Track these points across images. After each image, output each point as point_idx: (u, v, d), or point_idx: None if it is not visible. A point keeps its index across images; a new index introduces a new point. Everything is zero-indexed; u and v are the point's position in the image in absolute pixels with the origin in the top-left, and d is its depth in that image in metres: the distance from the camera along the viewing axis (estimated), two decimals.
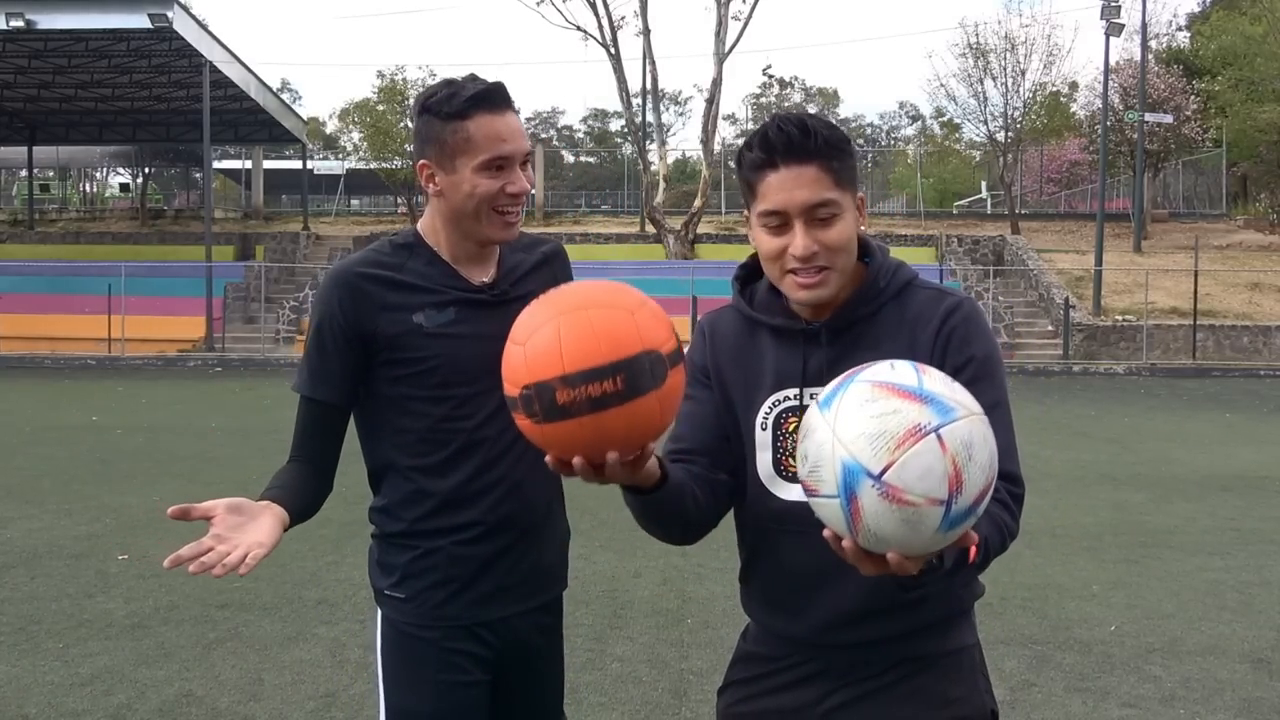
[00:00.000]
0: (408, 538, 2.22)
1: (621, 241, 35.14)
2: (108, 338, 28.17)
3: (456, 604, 2.19)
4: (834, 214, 1.86)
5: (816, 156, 1.85)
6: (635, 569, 6.73)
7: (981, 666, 2.03)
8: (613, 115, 73.22)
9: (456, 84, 2.11)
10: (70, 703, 4.56)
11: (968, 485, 1.52)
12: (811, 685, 1.99)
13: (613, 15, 34.78)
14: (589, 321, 1.65)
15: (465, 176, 2.10)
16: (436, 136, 2.11)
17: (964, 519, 1.54)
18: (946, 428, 1.52)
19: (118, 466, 10.67)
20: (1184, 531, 8.02)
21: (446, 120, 2.09)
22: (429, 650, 2.18)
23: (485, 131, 2.08)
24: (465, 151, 2.09)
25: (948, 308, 1.94)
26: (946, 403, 1.54)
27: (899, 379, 1.57)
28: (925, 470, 1.50)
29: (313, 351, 2.20)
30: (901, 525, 1.52)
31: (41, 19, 27.90)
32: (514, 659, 2.27)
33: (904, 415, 1.52)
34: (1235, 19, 40.45)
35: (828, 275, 1.88)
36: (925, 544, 1.55)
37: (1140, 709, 4.62)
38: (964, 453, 1.52)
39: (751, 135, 1.91)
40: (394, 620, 2.22)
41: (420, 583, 2.20)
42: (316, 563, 6.89)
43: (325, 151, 57.49)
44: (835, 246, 1.87)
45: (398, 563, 2.22)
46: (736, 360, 2.02)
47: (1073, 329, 27.20)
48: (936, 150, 59.11)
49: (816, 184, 1.85)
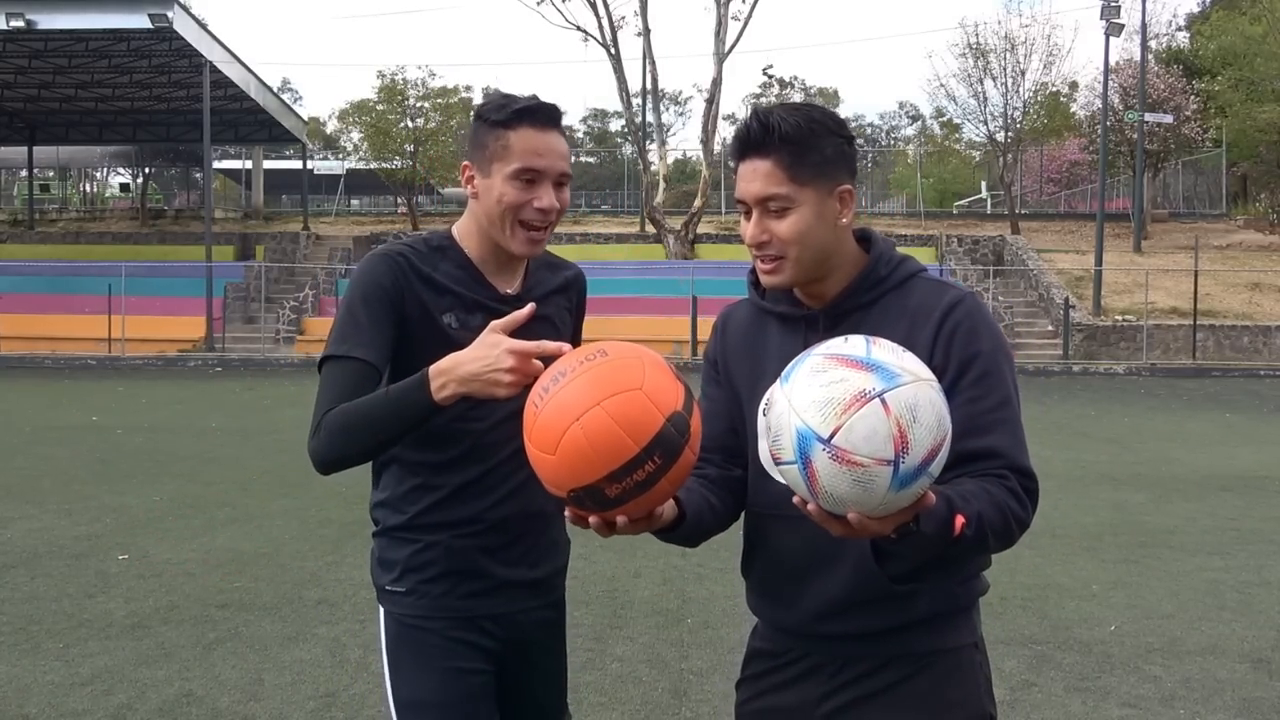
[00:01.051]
0: (409, 531, 2.23)
1: (621, 241, 35.15)
2: (108, 338, 28.18)
3: (457, 595, 2.21)
4: (785, 207, 1.93)
5: (771, 151, 1.92)
6: (635, 569, 6.73)
7: (983, 667, 2.03)
8: (613, 115, 73.23)
9: (511, 97, 2.19)
10: (70, 703, 4.56)
11: (914, 445, 1.60)
12: (810, 683, 2.01)
13: (613, 15, 34.84)
14: (607, 418, 1.71)
15: (497, 182, 2.15)
16: (481, 141, 2.18)
17: (914, 478, 1.62)
18: (890, 392, 1.61)
19: (118, 466, 10.67)
20: (1184, 531, 8.02)
21: (492, 127, 2.16)
22: (433, 640, 2.20)
23: (525, 143, 2.14)
24: (501, 158, 2.15)
25: (949, 303, 1.95)
26: (892, 369, 1.64)
27: (848, 350, 1.68)
28: (870, 432, 1.59)
29: (349, 320, 2.13)
30: (854, 485, 1.61)
31: (41, 19, 27.94)
32: (516, 654, 2.28)
33: (850, 383, 1.62)
34: (1235, 19, 40.44)
35: (782, 264, 1.96)
36: (880, 502, 1.63)
37: (1140, 709, 4.62)
38: (908, 415, 1.61)
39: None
40: (397, 615, 2.24)
41: (420, 575, 2.22)
42: (316, 563, 6.89)
43: (325, 151, 57.51)
44: (786, 238, 1.94)
45: (398, 557, 2.24)
46: (745, 350, 2.09)
47: (1073, 329, 27.21)
48: (936, 150, 59.09)
49: (768, 178, 1.93)
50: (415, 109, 38.49)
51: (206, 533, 7.75)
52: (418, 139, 37.73)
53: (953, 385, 1.90)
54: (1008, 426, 1.91)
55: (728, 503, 2.06)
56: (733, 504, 2.07)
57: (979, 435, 1.89)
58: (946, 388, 1.89)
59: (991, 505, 1.81)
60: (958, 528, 1.75)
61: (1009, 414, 1.92)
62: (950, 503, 1.77)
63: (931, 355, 1.91)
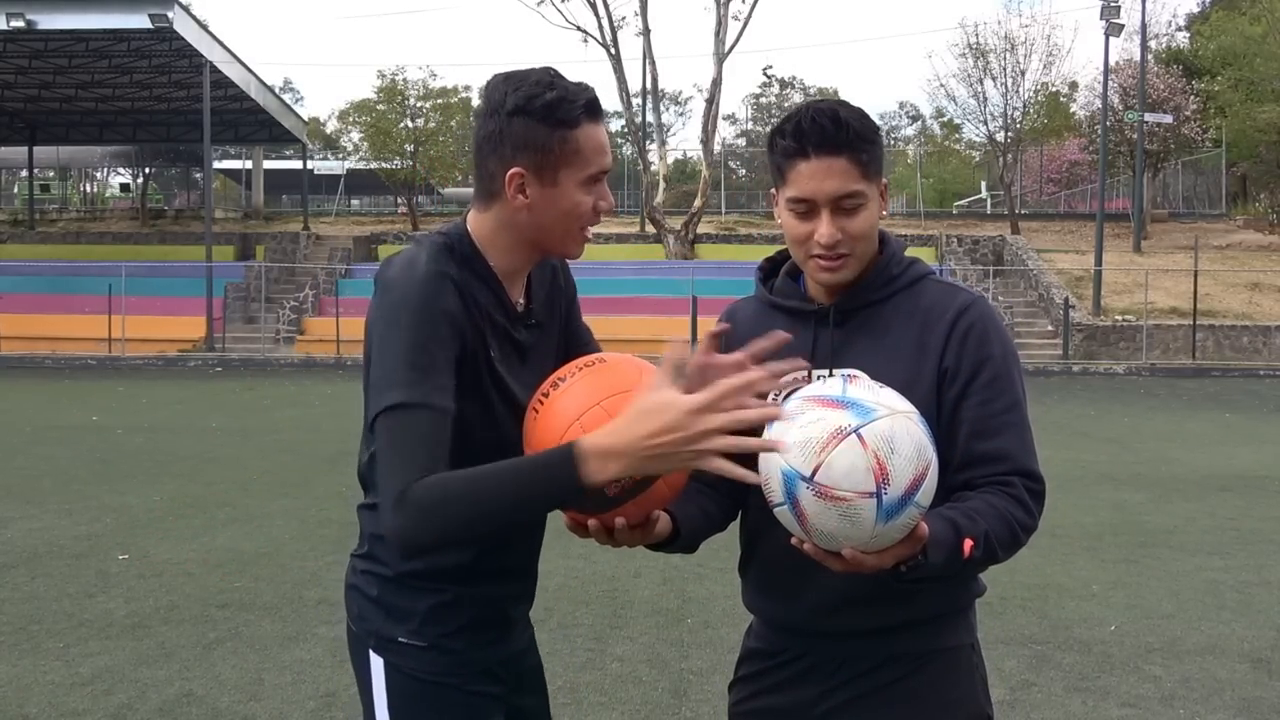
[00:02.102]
0: (432, 580, 1.93)
1: (621, 241, 35.13)
2: (108, 338, 28.18)
3: (477, 646, 1.98)
4: (859, 204, 1.93)
5: (846, 149, 1.91)
6: (635, 569, 6.73)
7: (980, 668, 2.03)
8: (613, 115, 73.04)
9: (559, 86, 1.85)
10: (70, 703, 4.56)
11: (895, 476, 1.64)
12: (807, 683, 2.01)
13: (613, 15, 34.92)
14: (606, 416, 1.70)
15: (567, 190, 1.86)
16: (537, 142, 1.83)
17: (900, 508, 1.65)
18: (866, 427, 1.66)
19: (118, 466, 10.67)
20: (1184, 531, 8.02)
21: (554, 128, 1.83)
22: (454, 697, 1.94)
23: (592, 143, 1.86)
24: (571, 163, 1.85)
25: (961, 306, 1.97)
26: (866, 405, 1.69)
27: (825, 390, 1.74)
28: (850, 467, 1.64)
29: (418, 354, 1.75)
30: (841, 520, 1.66)
31: (42, 19, 27.94)
32: (517, 690, 2.11)
33: (827, 421, 1.67)
34: (1235, 19, 40.44)
35: (848, 260, 1.96)
36: (870, 535, 1.66)
37: (1140, 709, 4.62)
38: (885, 447, 1.65)
39: (785, 120, 1.97)
40: (408, 671, 1.94)
41: (443, 629, 1.94)
42: (316, 563, 6.89)
43: (325, 151, 57.48)
44: (859, 235, 1.94)
45: (417, 608, 1.93)
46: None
47: (1072, 329, 27.21)
48: (936, 150, 59.14)
49: (845, 175, 1.91)
50: (415, 109, 38.50)
51: (206, 533, 7.75)
52: (418, 139, 37.75)
53: (964, 388, 1.92)
54: (1016, 430, 1.93)
55: (724, 505, 2.07)
56: (730, 505, 2.08)
57: (988, 438, 1.91)
58: (957, 391, 1.92)
59: (998, 520, 1.85)
60: (967, 551, 1.78)
61: (1017, 417, 1.94)
62: (957, 529, 1.80)
63: (943, 358, 1.93)
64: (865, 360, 1.97)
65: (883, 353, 1.96)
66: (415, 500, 1.66)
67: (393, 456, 1.70)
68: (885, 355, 1.96)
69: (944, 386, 1.93)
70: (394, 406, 1.72)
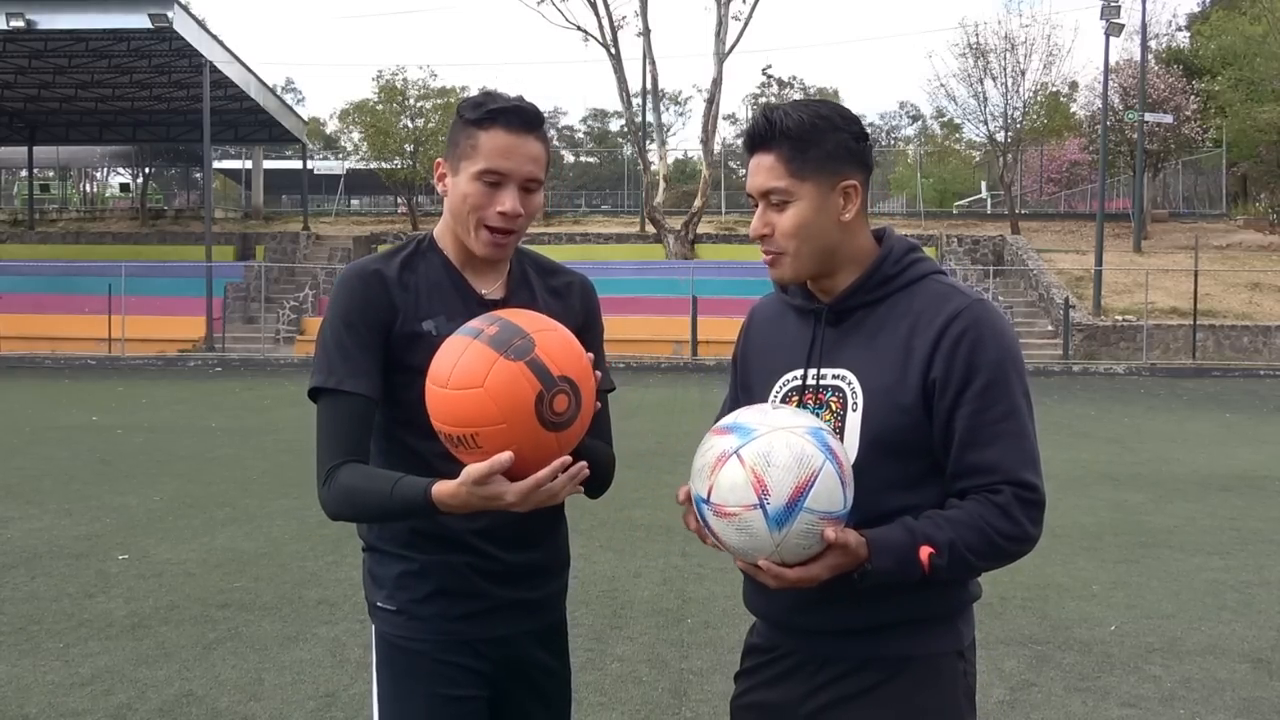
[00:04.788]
0: (400, 547, 2.15)
1: (621, 241, 35.15)
2: (108, 338, 28.18)
3: (450, 618, 2.13)
4: (784, 201, 1.96)
5: (775, 146, 1.96)
6: (635, 569, 6.73)
7: (966, 676, 2.00)
8: (613, 115, 73.17)
9: (491, 95, 2.13)
10: (70, 703, 4.56)
11: (774, 487, 1.77)
12: (794, 681, 2.02)
13: (613, 15, 34.78)
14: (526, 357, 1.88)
15: (462, 181, 2.10)
16: (455, 138, 2.13)
17: (789, 515, 1.77)
18: (745, 447, 1.81)
19: (118, 466, 10.67)
20: (1184, 531, 8.02)
21: (465, 125, 2.11)
22: (422, 663, 2.12)
23: (493, 144, 2.07)
24: (468, 157, 2.09)
25: (952, 312, 1.93)
26: (749, 427, 1.84)
27: (723, 421, 1.91)
28: (732, 484, 1.80)
29: (334, 345, 2.08)
30: (740, 533, 1.81)
31: (41, 19, 27.93)
32: (514, 677, 2.20)
33: (715, 447, 1.85)
34: (1235, 19, 40.43)
35: (781, 258, 2.00)
36: (773, 544, 1.79)
37: (1140, 709, 4.62)
38: (762, 462, 1.79)
39: None
40: (387, 634, 2.16)
41: (410, 595, 2.13)
42: (316, 563, 6.89)
43: (325, 151, 57.46)
44: (785, 231, 1.97)
45: (388, 574, 2.16)
46: (766, 342, 2.14)
47: (1073, 329, 27.21)
48: (936, 150, 59.14)
49: (770, 172, 1.97)
50: (415, 109, 38.49)
51: (206, 533, 7.75)
52: (418, 139, 37.72)
53: (956, 398, 1.90)
54: (1010, 439, 1.90)
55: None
56: None
57: (980, 448, 1.89)
58: (950, 401, 1.90)
59: (970, 529, 1.85)
60: (924, 557, 1.82)
61: (1013, 425, 1.90)
62: (913, 535, 1.83)
63: (931, 366, 1.91)
64: (855, 360, 1.97)
65: (872, 354, 1.96)
66: (335, 483, 2.02)
67: (319, 436, 2.07)
68: (874, 356, 1.95)
69: (936, 397, 1.91)
70: (316, 389, 2.08)
